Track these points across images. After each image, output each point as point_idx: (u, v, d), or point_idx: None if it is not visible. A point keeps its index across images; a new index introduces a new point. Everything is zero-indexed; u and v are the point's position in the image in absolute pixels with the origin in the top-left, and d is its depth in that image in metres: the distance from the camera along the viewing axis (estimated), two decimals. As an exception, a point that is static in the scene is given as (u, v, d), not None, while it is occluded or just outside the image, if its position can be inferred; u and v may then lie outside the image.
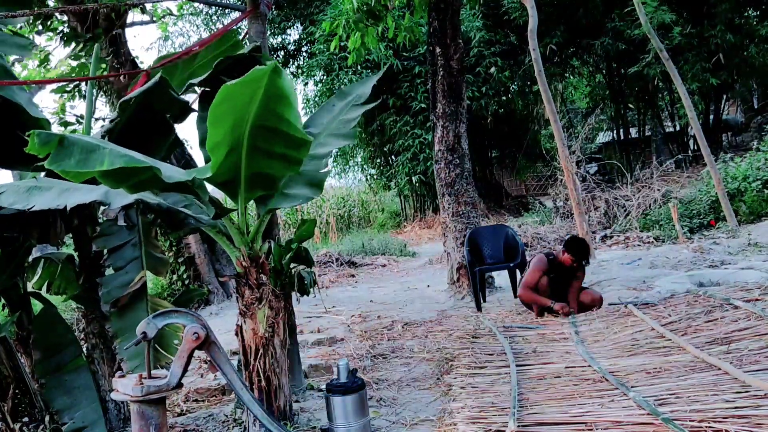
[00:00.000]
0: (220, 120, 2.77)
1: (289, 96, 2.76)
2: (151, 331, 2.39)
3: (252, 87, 2.66)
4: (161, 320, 2.42)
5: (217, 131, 2.81)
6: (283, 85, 2.70)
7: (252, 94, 2.70)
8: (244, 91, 2.67)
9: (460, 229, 7.24)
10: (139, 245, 3.88)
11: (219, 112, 2.73)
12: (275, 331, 3.49)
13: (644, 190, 11.78)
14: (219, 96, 2.65)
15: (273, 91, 2.71)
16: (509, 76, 15.68)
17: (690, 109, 10.25)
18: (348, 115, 3.91)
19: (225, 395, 4.60)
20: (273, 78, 2.62)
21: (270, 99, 2.75)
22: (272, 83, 2.65)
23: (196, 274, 9.21)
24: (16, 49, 4.04)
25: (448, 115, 7.28)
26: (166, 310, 2.47)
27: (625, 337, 4.28)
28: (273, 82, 2.65)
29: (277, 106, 2.80)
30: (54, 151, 2.47)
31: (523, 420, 2.94)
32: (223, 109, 2.73)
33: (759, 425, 2.55)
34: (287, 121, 2.88)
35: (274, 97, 2.75)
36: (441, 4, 7.25)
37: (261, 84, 2.64)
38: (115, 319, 3.63)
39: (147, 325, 2.39)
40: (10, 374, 3.71)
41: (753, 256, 7.44)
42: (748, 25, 13.97)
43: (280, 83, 2.67)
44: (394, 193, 19.60)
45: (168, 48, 18.67)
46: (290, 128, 2.92)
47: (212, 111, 2.71)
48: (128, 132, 3.66)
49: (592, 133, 15.84)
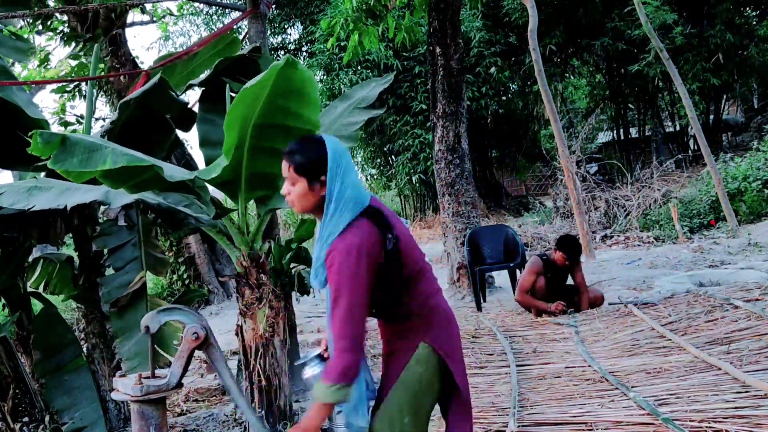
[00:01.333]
0: (234, 123, 2.78)
1: (302, 86, 2.75)
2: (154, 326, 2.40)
3: (260, 86, 2.66)
4: (165, 316, 2.43)
5: (231, 134, 2.81)
6: (298, 77, 2.68)
7: (257, 93, 2.70)
8: (254, 91, 2.68)
9: (460, 229, 7.24)
10: (139, 245, 3.89)
11: (233, 115, 2.74)
12: (275, 331, 3.49)
13: (644, 190, 11.77)
14: (235, 100, 2.66)
15: (283, 86, 2.71)
16: (509, 76, 15.68)
17: (690, 109, 10.25)
18: (350, 118, 3.91)
19: (225, 395, 4.61)
20: (284, 72, 2.61)
21: (278, 95, 2.75)
22: (283, 78, 2.65)
23: (196, 274, 9.22)
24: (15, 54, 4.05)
25: (448, 115, 7.28)
26: (170, 306, 2.48)
27: (625, 337, 4.28)
28: (284, 77, 2.64)
29: (287, 100, 2.80)
30: (56, 150, 2.47)
31: (523, 420, 2.94)
32: (237, 112, 2.74)
33: (759, 425, 2.55)
34: (295, 114, 2.88)
35: (284, 92, 2.76)
36: (441, 4, 7.24)
37: (268, 82, 2.64)
38: (115, 319, 3.63)
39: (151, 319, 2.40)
40: (10, 374, 3.72)
41: (753, 256, 7.44)
42: (748, 25, 13.96)
43: (294, 76, 2.67)
44: (394, 193, 19.58)
45: (168, 47, 18.69)
46: (299, 121, 2.92)
47: (228, 115, 2.72)
48: (128, 132, 3.66)
49: (592, 133, 15.82)
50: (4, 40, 4.04)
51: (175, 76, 4.41)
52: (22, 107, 3.63)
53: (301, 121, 2.92)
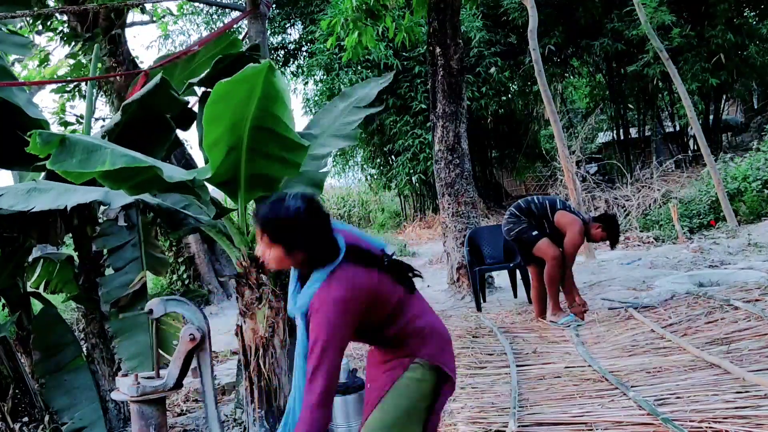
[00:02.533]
0: (217, 118, 2.77)
1: (282, 96, 2.76)
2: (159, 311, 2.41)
3: (248, 85, 2.65)
4: (172, 305, 2.45)
5: (213, 129, 2.81)
6: (277, 85, 2.69)
7: (249, 93, 2.69)
8: (240, 88, 2.66)
9: (460, 229, 7.24)
10: (139, 245, 3.89)
11: (215, 110, 2.72)
12: (275, 331, 3.49)
13: (644, 190, 11.78)
14: (214, 94, 2.65)
15: (268, 91, 2.71)
16: (509, 76, 15.67)
17: (690, 109, 10.25)
18: (349, 117, 3.91)
19: (225, 395, 4.60)
20: (268, 77, 2.62)
21: (267, 99, 2.75)
22: (268, 82, 2.65)
23: (196, 274, 9.22)
24: (15, 49, 4.05)
25: (448, 115, 7.28)
26: (177, 298, 2.50)
27: (626, 339, 4.28)
28: (268, 81, 2.65)
29: (273, 106, 2.80)
30: (55, 151, 2.47)
31: (523, 420, 2.94)
32: (220, 108, 2.73)
33: (759, 425, 2.55)
34: (284, 123, 2.88)
35: (270, 97, 2.75)
36: (441, 4, 7.24)
37: (258, 83, 2.64)
38: (115, 319, 3.63)
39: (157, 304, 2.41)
40: (10, 374, 3.72)
41: (753, 256, 7.44)
42: (747, 25, 13.95)
43: (275, 82, 2.67)
44: (394, 193, 19.58)
45: (168, 46, 18.67)
46: (286, 131, 2.92)
47: (208, 109, 2.70)
48: (128, 132, 3.66)
49: (592, 133, 15.82)
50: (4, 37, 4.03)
51: (176, 77, 4.42)
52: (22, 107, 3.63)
53: (287, 130, 2.91)
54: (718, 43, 13.29)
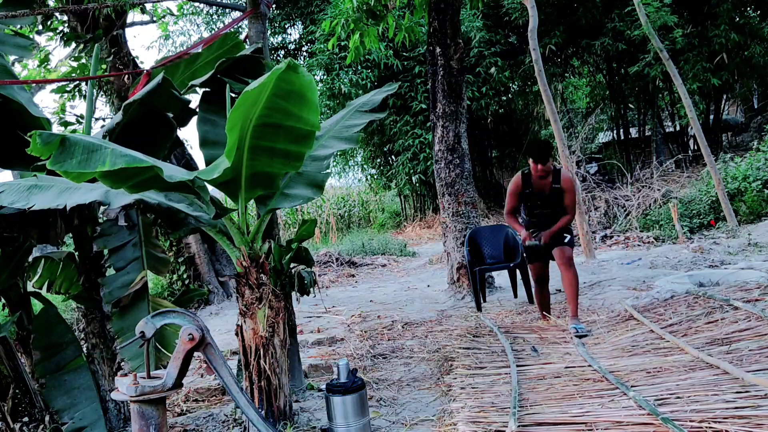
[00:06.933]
0: (236, 124, 2.79)
1: (300, 91, 2.77)
2: (149, 331, 2.39)
3: (261, 88, 2.67)
4: (159, 320, 2.42)
5: (233, 136, 2.82)
6: (298, 81, 2.71)
7: (258, 94, 2.71)
8: (254, 93, 2.69)
9: (460, 229, 7.24)
10: (140, 245, 3.89)
11: (235, 116, 2.74)
12: (275, 331, 3.50)
13: (644, 190, 11.78)
14: (237, 102, 2.67)
15: (284, 88, 2.73)
16: (509, 76, 15.68)
17: (690, 109, 10.25)
18: (352, 120, 3.92)
19: (225, 395, 4.60)
20: (285, 75, 2.64)
21: (277, 96, 2.77)
22: (284, 81, 2.67)
23: (196, 274, 9.22)
24: (16, 50, 4.04)
25: (448, 115, 7.29)
26: (164, 310, 2.48)
27: (626, 340, 4.28)
28: (285, 80, 2.67)
29: (287, 102, 2.82)
30: (56, 151, 2.47)
31: (523, 420, 2.94)
32: (238, 113, 2.75)
33: (759, 425, 2.55)
34: (296, 115, 2.90)
35: (285, 94, 2.78)
36: (441, 4, 7.25)
37: (269, 84, 2.66)
38: (117, 319, 3.63)
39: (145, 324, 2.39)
40: (10, 374, 3.71)
41: (753, 256, 7.44)
42: (749, 25, 13.94)
43: (295, 79, 2.69)
44: (394, 193, 19.60)
45: (169, 47, 18.67)
46: (299, 122, 2.93)
47: (230, 117, 2.73)
48: (129, 132, 3.67)
49: (592, 133, 15.83)
50: (5, 38, 4.03)
51: (178, 77, 4.42)
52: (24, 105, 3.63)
53: (300, 122, 2.93)
54: (721, 43, 13.27)
